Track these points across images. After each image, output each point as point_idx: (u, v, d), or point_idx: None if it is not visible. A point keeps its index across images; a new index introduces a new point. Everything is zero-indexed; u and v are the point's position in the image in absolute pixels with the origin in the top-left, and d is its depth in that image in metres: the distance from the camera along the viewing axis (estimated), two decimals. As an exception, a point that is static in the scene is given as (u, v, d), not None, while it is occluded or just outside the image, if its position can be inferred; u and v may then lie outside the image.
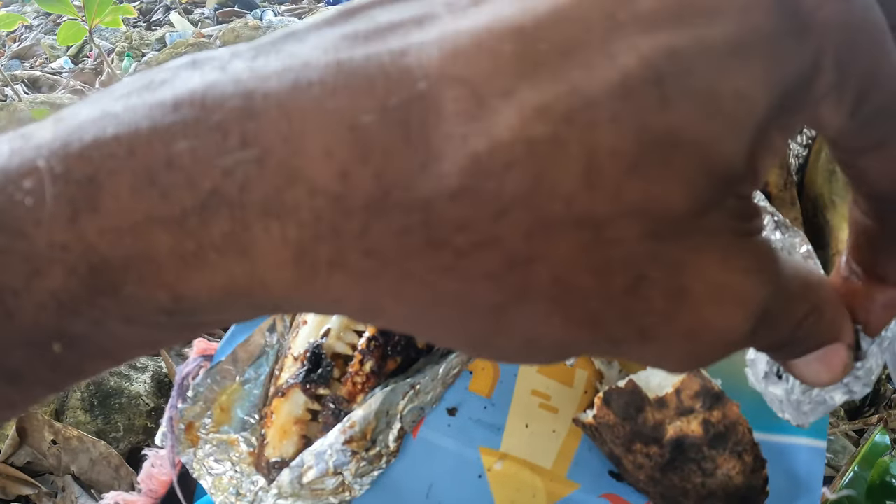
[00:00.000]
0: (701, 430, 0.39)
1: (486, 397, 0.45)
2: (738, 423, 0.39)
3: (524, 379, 0.46)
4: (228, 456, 0.42)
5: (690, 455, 0.39)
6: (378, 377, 0.41)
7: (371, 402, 0.40)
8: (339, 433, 0.39)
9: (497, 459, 0.43)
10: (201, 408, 0.43)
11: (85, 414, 0.94)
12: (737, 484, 0.39)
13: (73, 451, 0.91)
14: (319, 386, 0.41)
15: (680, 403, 0.39)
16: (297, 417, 0.41)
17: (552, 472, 0.43)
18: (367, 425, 0.40)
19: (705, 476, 0.39)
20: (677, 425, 0.39)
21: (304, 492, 0.39)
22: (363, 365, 0.41)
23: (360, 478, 0.40)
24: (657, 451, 0.39)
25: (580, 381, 0.46)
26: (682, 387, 0.39)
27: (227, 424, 0.43)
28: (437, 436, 0.44)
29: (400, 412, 0.41)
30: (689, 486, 0.40)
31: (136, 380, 0.98)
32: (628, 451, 0.40)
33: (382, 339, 0.42)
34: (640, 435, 0.40)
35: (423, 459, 0.43)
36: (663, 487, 0.41)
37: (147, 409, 0.96)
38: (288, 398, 0.41)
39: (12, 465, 0.91)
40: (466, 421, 0.44)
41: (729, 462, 0.39)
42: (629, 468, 0.41)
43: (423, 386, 0.42)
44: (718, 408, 0.38)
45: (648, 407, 0.39)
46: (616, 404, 0.40)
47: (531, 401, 0.45)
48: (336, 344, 0.42)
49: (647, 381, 0.40)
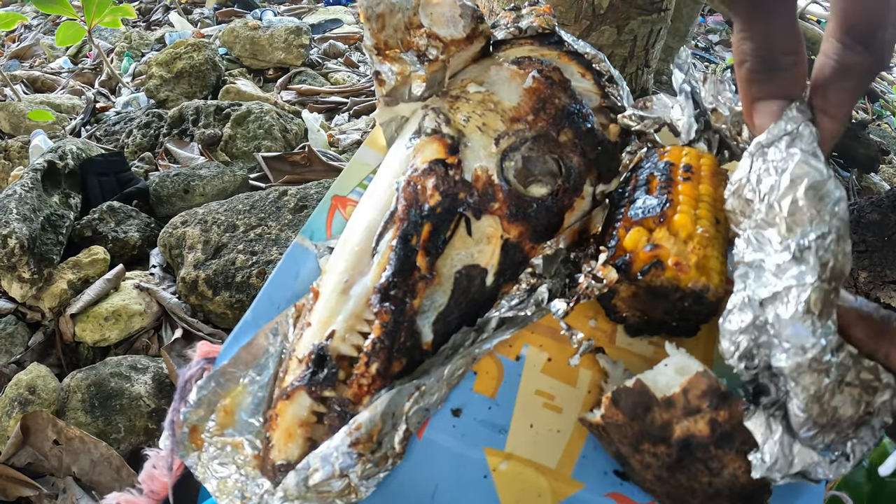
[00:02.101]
0: (708, 430, 0.39)
1: (491, 398, 0.45)
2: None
3: (528, 379, 0.46)
4: (233, 459, 0.42)
5: (698, 455, 0.39)
6: (384, 379, 0.41)
7: (377, 404, 0.40)
8: (344, 435, 0.39)
9: (502, 460, 0.43)
10: (205, 411, 0.43)
11: (86, 415, 0.94)
12: (743, 483, 0.39)
13: (74, 452, 0.91)
14: (324, 388, 0.41)
15: (687, 403, 0.39)
16: (302, 420, 0.41)
17: (557, 472, 0.43)
18: (373, 427, 0.40)
19: (712, 476, 0.39)
20: (685, 425, 0.39)
21: (310, 494, 0.39)
22: (369, 366, 0.41)
23: (366, 480, 0.40)
24: (665, 450, 0.39)
25: (584, 380, 0.46)
26: (689, 386, 0.39)
27: (232, 427, 0.43)
28: (442, 437, 0.44)
29: (405, 413, 0.41)
30: (697, 486, 0.40)
31: (136, 381, 0.98)
32: (636, 451, 0.40)
33: (388, 341, 0.41)
34: (648, 435, 0.40)
35: (428, 461, 0.43)
36: (670, 487, 0.41)
37: (148, 411, 0.96)
38: (293, 400, 0.41)
39: (13, 466, 0.92)
40: (471, 421, 0.44)
41: (735, 462, 0.39)
42: (637, 468, 0.41)
43: (429, 387, 0.42)
44: (725, 407, 0.38)
45: (656, 407, 0.39)
46: (624, 404, 0.40)
47: (535, 401, 0.45)
48: (341, 346, 0.42)
49: (655, 381, 0.40)
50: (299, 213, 1.20)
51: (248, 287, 1.08)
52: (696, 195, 0.46)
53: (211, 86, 1.94)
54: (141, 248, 1.27)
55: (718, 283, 0.43)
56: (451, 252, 0.45)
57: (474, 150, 0.47)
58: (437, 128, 0.48)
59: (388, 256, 0.43)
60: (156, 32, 2.54)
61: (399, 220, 0.44)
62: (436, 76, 0.51)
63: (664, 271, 0.42)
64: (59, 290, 1.11)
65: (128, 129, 1.73)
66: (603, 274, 0.42)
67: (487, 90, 0.50)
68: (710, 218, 0.45)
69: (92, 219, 1.27)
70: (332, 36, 2.38)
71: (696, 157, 0.49)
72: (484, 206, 0.46)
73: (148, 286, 1.15)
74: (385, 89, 0.50)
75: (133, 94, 1.99)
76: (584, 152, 0.49)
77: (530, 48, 0.55)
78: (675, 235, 0.43)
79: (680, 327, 0.46)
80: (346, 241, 0.46)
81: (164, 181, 1.39)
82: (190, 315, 1.11)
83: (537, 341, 0.47)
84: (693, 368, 0.40)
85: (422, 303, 0.43)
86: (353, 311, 0.42)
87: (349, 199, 0.53)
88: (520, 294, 0.46)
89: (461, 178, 0.46)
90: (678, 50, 0.52)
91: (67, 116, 1.89)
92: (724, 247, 0.45)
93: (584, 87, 0.53)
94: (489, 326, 0.45)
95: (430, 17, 0.50)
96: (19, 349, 1.08)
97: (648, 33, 1.31)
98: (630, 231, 0.44)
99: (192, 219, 1.20)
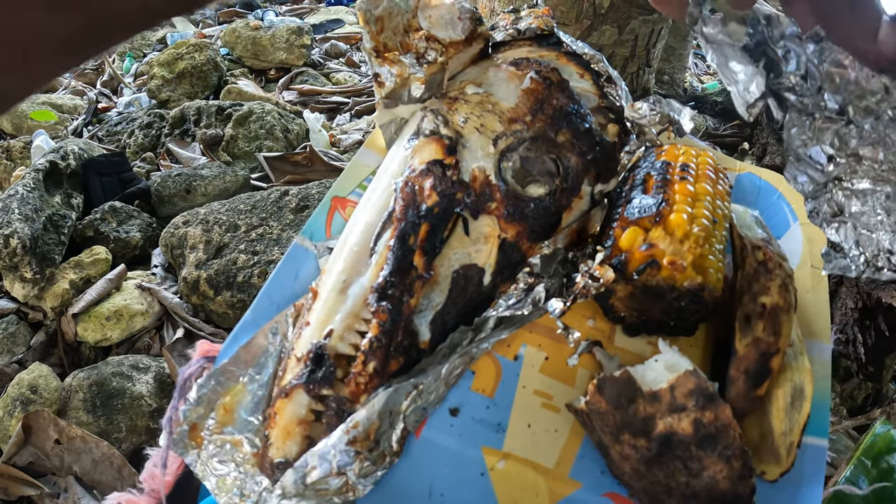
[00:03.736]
0: (691, 429, 0.38)
1: (489, 397, 0.45)
2: (730, 427, 0.38)
3: (526, 378, 0.46)
4: (232, 457, 0.42)
5: (677, 452, 0.39)
6: (381, 377, 0.41)
7: (374, 403, 0.40)
8: (342, 433, 0.39)
9: (499, 459, 0.43)
10: (205, 409, 0.43)
11: (87, 415, 0.95)
12: (722, 489, 0.39)
13: (75, 452, 0.91)
14: (323, 386, 0.41)
15: (673, 400, 0.39)
16: (300, 418, 0.41)
17: (555, 472, 0.43)
18: (371, 426, 0.40)
19: (690, 476, 0.39)
20: (668, 421, 0.39)
21: (308, 492, 0.39)
22: (366, 365, 0.41)
23: (363, 478, 0.40)
24: (644, 443, 0.39)
25: (582, 380, 0.46)
26: (676, 384, 0.39)
27: (231, 425, 0.43)
28: (439, 436, 0.44)
29: (403, 412, 0.42)
30: (673, 485, 0.40)
31: (138, 381, 0.98)
32: (616, 441, 0.40)
33: (385, 340, 0.42)
34: (630, 426, 0.40)
35: (425, 459, 0.43)
36: (647, 482, 0.41)
37: (149, 410, 0.97)
38: (291, 399, 0.41)
39: (14, 465, 0.92)
40: (469, 421, 0.44)
41: (716, 465, 0.39)
42: (615, 459, 0.41)
43: (426, 386, 0.42)
44: (711, 409, 0.38)
45: (640, 399, 0.39)
46: (609, 392, 0.40)
47: (533, 400, 0.45)
48: (339, 344, 0.42)
49: (643, 375, 0.40)
50: (301, 213, 1.20)
51: (250, 287, 1.08)
52: (692, 194, 0.46)
53: (212, 86, 1.94)
54: (143, 248, 1.27)
55: (715, 282, 0.43)
56: (449, 252, 0.45)
57: (472, 151, 0.48)
58: (436, 129, 0.48)
59: (386, 256, 0.43)
60: (157, 33, 2.54)
61: (397, 220, 0.44)
62: (435, 78, 0.51)
63: (660, 271, 0.42)
64: (60, 290, 1.11)
65: (129, 130, 1.73)
66: (599, 273, 0.43)
67: (486, 91, 0.51)
68: (708, 217, 0.45)
69: (94, 219, 1.27)
70: (333, 36, 2.38)
71: (693, 156, 0.50)
72: (481, 206, 0.46)
73: (149, 286, 1.15)
74: (384, 91, 0.50)
75: (135, 94, 2.00)
76: (582, 152, 0.49)
77: (529, 49, 0.55)
78: (671, 235, 0.43)
79: (678, 327, 0.46)
80: (345, 241, 0.46)
81: (166, 181, 1.40)
82: (191, 315, 1.12)
83: (535, 341, 0.47)
84: (683, 366, 0.40)
85: (419, 302, 0.43)
86: (351, 311, 0.43)
87: (349, 200, 0.53)
88: (517, 294, 0.46)
89: (459, 178, 0.46)
90: (679, 49, 0.51)
91: (69, 117, 1.89)
92: (721, 245, 0.45)
93: (582, 87, 0.53)
94: (487, 326, 0.45)
95: (429, 19, 0.50)
96: (21, 349, 1.09)
97: (650, 33, 1.31)
98: (626, 231, 0.44)
99: (193, 219, 1.21)
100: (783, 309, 0.42)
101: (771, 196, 0.58)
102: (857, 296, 1.03)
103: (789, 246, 0.53)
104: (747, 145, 1.66)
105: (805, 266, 0.53)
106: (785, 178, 0.38)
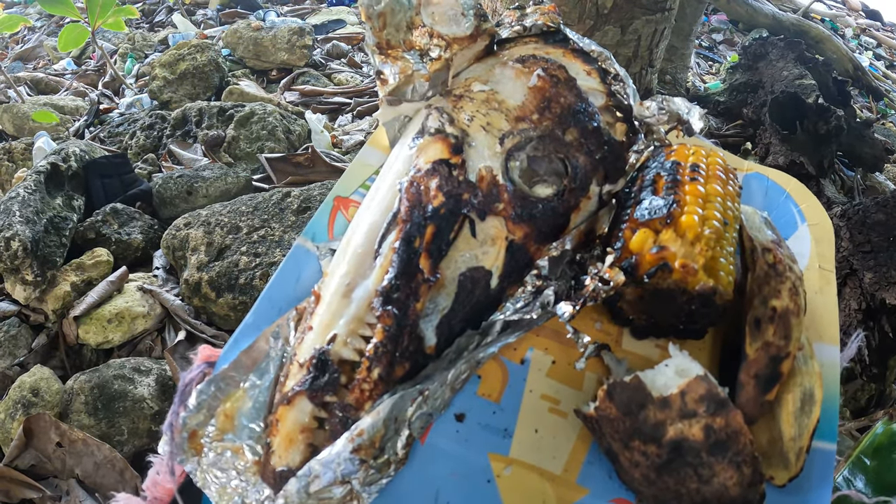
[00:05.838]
0: (702, 435, 0.38)
1: (495, 402, 0.44)
2: (741, 433, 0.38)
3: (533, 383, 0.45)
4: (233, 464, 0.41)
5: (688, 459, 0.38)
6: (386, 384, 0.41)
7: (379, 410, 0.39)
8: (346, 441, 0.39)
9: (506, 465, 0.43)
10: (205, 415, 0.42)
11: (89, 417, 0.94)
12: (732, 496, 0.38)
13: (77, 455, 0.90)
14: (326, 393, 0.40)
15: (683, 405, 0.38)
16: (303, 426, 0.40)
17: (562, 478, 0.43)
18: (376, 433, 0.39)
19: (701, 483, 0.39)
20: (678, 427, 0.38)
21: (311, 501, 0.38)
22: (371, 371, 0.40)
23: (368, 486, 0.40)
24: (655, 450, 0.39)
25: (590, 384, 0.45)
26: (687, 389, 0.38)
27: (232, 432, 0.42)
28: (445, 442, 0.43)
29: (408, 419, 0.41)
30: (684, 491, 0.39)
31: (140, 383, 0.98)
32: (626, 448, 0.40)
33: (390, 345, 0.41)
34: (640, 432, 0.39)
35: (431, 466, 0.42)
36: (657, 489, 0.40)
37: (151, 413, 0.96)
38: (294, 406, 0.40)
39: (16, 468, 0.91)
40: (475, 426, 0.43)
41: (727, 472, 0.38)
42: (625, 465, 0.41)
43: (432, 392, 0.41)
44: (722, 415, 0.38)
45: (651, 405, 0.39)
46: (619, 398, 0.39)
47: (541, 405, 0.44)
48: (343, 350, 0.41)
49: (653, 380, 0.40)
50: (303, 214, 1.19)
51: (252, 289, 1.08)
52: (703, 195, 0.45)
53: (214, 87, 1.94)
54: (144, 250, 1.27)
55: (726, 285, 0.42)
56: (455, 254, 0.44)
57: (478, 150, 0.47)
58: (441, 127, 0.47)
59: (391, 259, 0.42)
60: (159, 34, 2.54)
61: (402, 221, 0.44)
62: (439, 75, 0.50)
63: (671, 274, 0.41)
64: (62, 293, 1.11)
65: (131, 131, 1.73)
66: (610, 276, 0.42)
67: (492, 89, 0.50)
68: (718, 218, 0.44)
69: (95, 221, 1.27)
70: (335, 36, 2.38)
71: (703, 156, 0.49)
72: (488, 207, 0.45)
73: (151, 288, 1.15)
74: (388, 89, 0.50)
75: (136, 95, 1.99)
76: (591, 151, 0.49)
77: (535, 46, 0.54)
78: (682, 237, 0.42)
79: (687, 330, 0.45)
80: (348, 243, 0.46)
81: (168, 183, 1.39)
82: (193, 317, 1.11)
83: (542, 344, 0.46)
84: (693, 371, 0.39)
85: (425, 306, 0.42)
86: (355, 315, 0.42)
87: (352, 200, 0.52)
88: (525, 297, 0.45)
89: (465, 178, 0.45)
90: (682, 49, 0.51)
91: (71, 118, 1.89)
92: (732, 247, 0.44)
93: (589, 85, 0.52)
94: (494, 330, 0.44)
95: (432, 15, 0.49)
96: (22, 351, 1.08)
97: (652, 33, 1.30)
98: (636, 233, 0.44)
99: (195, 220, 1.20)
100: (793, 312, 0.41)
101: (779, 196, 0.57)
102: (861, 297, 1.02)
103: (797, 247, 0.53)
104: (750, 145, 1.66)
105: (813, 268, 0.52)
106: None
